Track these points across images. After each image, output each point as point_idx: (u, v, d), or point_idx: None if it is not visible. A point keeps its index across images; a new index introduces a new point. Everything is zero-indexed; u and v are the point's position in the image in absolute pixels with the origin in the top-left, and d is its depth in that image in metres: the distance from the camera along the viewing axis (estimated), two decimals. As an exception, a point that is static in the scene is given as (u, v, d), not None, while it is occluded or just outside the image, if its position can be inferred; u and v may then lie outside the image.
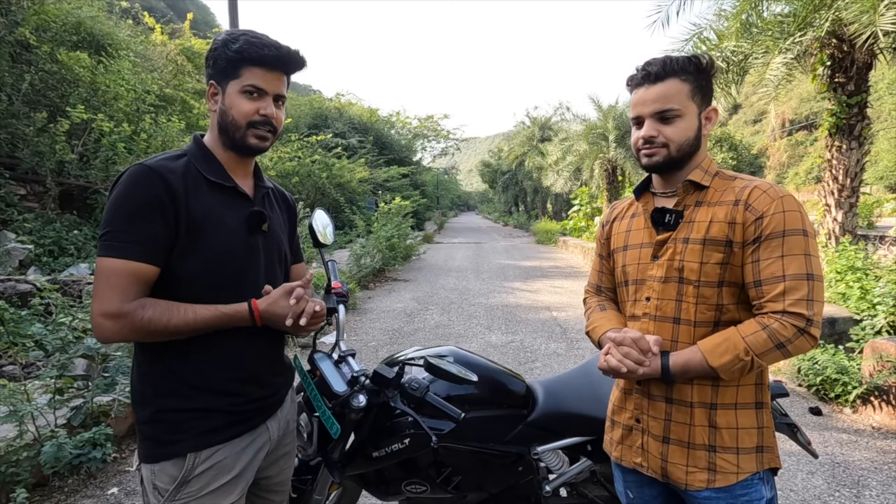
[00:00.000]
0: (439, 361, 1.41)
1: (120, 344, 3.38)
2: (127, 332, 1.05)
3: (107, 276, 1.04)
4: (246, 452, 1.20)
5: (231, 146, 1.19)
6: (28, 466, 2.53)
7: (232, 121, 1.15)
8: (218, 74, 1.15)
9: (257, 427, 1.23)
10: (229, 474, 1.16)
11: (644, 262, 1.24)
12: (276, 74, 1.16)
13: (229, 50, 1.13)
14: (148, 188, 1.06)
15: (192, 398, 1.13)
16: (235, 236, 1.16)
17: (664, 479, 1.21)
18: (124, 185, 1.06)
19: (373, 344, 5.47)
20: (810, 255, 1.07)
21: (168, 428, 1.12)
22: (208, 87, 1.17)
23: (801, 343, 1.04)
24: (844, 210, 6.24)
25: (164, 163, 1.11)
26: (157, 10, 19.57)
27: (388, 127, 26.30)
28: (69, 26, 8.74)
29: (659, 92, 1.15)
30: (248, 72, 1.13)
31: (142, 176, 1.07)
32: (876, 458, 3.03)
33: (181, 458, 1.11)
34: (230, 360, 1.17)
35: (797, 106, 40.30)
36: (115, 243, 1.04)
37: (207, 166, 1.17)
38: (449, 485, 1.65)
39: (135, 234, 1.04)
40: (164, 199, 1.06)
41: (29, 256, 6.15)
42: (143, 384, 1.14)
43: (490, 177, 44.96)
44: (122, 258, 1.04)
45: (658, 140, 1.16)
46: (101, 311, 1.03)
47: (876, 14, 4.81)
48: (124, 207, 1.05)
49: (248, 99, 1.14)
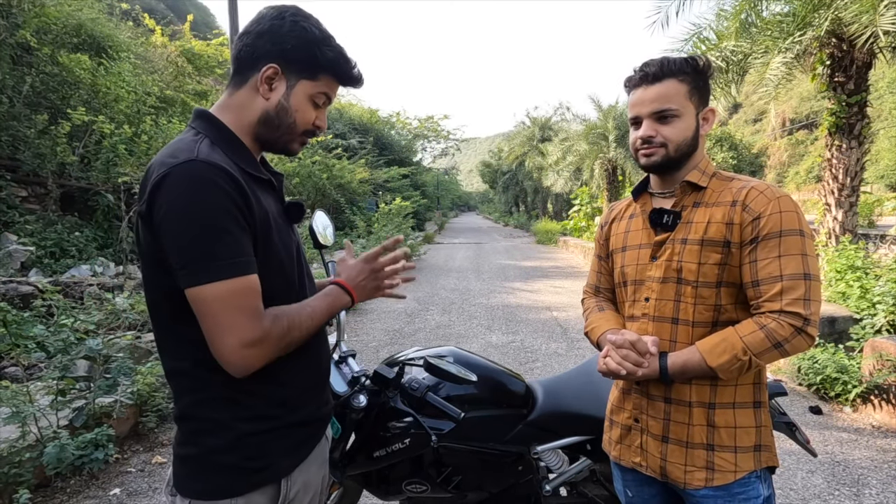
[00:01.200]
0: (439, 361, 1.42)
1: (121, 345, 3.39)
2: (272, 353, 0.93)
3: (227, 300, 0.87)
4: (321, 466, 1.14)
5: (267, 142, 1.05)
6: (30, 467, 2.54)
7: (292, 123, 1.03)
8: (288, 63, 1.00)
9: (322, 438, 1.16)
10: (311, 491, 1.09)
11: (643, 262, 1.25)
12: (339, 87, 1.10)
13: (321, 53, 1.01)
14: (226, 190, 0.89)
15: (277, 416, 1.01)
16: (284, 233, 1.05)
17: (663, 478, 1.21)
18: (190, 191, 0.87)
19: (373, 344, 5.47)
20: (807, 255, 1.08)
21: (254, 453, 0.98)
22: (265, 69, 0.98)
23: (798, 342, 1.05)
24: (845, 209, 6.24)
25: (210, 154, 0.91)
26: (157, 11, 19.58)
27: (389, 127, 26.30)
28: (70, 28, 8.76)
29: (657, 92, 1.16)
30: (326, 80, 1.04)
31: (211, 175, 0.88)
32: (876, 457, 3.03)
33: (273, 485, 1.00)
34: (308, 368, 1.09)
35: (797, 105, 40.28)
36: (220, 262, 0.86)
37: (240, 156, 0.99)
38: (449, 484, 1.66)
39: (233, 246, 0.88)
40: (239, 198, 0.90)
41: (30, 258, 6.17)
42: (212, 411, 0.96)
43: (490, 177, 44.96)
44: (239, 275, 0.88)
45: (656, 140, 1.17)
46: (242, 342, 0.88)
47: (876, 14, 4.81)
48: (212, 218, 0.86)
49: (314, 107, 1.05)
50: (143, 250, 0.94)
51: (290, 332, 0.95)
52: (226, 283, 0.87)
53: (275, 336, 0.92)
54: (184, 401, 0.99)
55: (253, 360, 0.91)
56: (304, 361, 1.06)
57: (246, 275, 0.89)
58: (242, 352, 0.89)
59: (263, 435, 0.99)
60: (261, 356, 0.91)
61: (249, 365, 0.91)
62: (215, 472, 0.97)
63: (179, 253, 0.86)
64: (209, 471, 0.97)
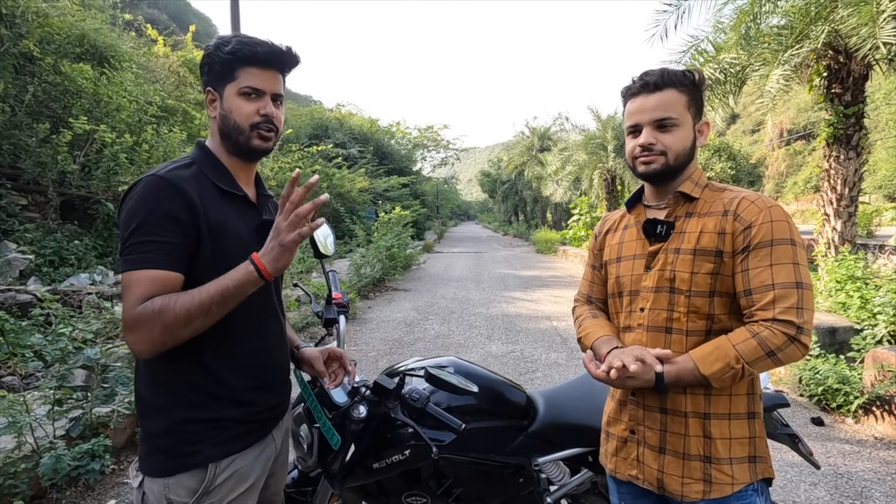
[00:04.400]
0: (440, 372, 1.41)
1: (120, 354, 3.37)
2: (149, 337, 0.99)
3: (129, 288, 1.01)
4: (259, 461, 1.20)
5: (235, 151, 1.17)
6: (26, 478, 2.51)
7: (234, 124, 1.13)
8: (214, 80, 1.14)
9: (266, 436, 1.23)
10: (246, 483, 1.16)
11: (637, 273, 1.25)
12: (271, 73, 1.15)
13: (222, 52, 1.12)
14: (164, 200, 1.03)
15: (209, 408, 1.11)
16: (247, 246, 1.13)
17: (660, 490, 1.21)
18: (140, 198, 1.03)
19: (373, 354, 5.45)
20: (799, 264, 1.08)
21: (185, 439, 1.09)
22: (206, 95, 1.16)
23: (791, 351, 1.05)
24: (843, 219, 6.25)
25: (177, 172, 1.08)
26: (159, 21, 19.77)
27: (389, 137, 26.46)
28: (73, 38, 8.84)
29: (658, 100, 1.17)
30: (243, 73, 1.12)
31: (157, 188, 1.04)
32: (879, 469, 3.01)
33: (202, 469, 1.09)
34: (246, 368, 1.17)
35: (795, 116, 40.55)
36: (136, 255, 1.01)
37: (217, 174, 1.15)
38: (450, 496, 1.64)
39: (155, 245, 1.02)
40: (181, 211, 1.04)
41: (29, 266, 6.16)
42: (155, 395, 1.11)
43: (490, 186, 45.12)
44: (145, 268, 1.01)
45: (656, 148, 1.18)
46: (126, 324, 1.00)
47: (876, 26, 4.85)
48: (142, 221, 1.02)
49: (247, 100, 1.12)
50: None
51: (161, 315, 0.98)
52: (134, 273, 1.01)
53: (144, 320, 0.99)
54: (139, 382, 1.14)
55: (133, 344, 1.01)
56: (243, 362, 1.16)
57: (153, 268, 1.01)
58: (127, 336, 1.01)
59: (196, 424, 1.10)
60: (137, 339, 1.00)
61: (136, 347, 1.01)
62: (155, 452, 1.10)
63: (119, 244, 1.04)
64: (153, 451, 1.10)
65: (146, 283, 1.01)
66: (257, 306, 1.19)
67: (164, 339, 1.00)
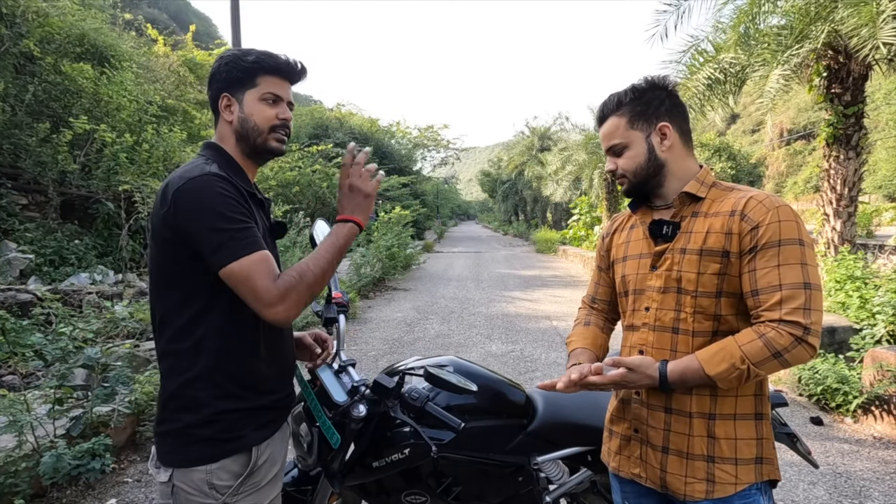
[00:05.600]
0: (439, 371, 1.42)
1: (120, 354, 3.38)
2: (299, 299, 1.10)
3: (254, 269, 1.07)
4: (283, 444, 1.31)
5: (251, 152, 1.25)
6: (27, 477, 2.52)
7: (254, 126, 1.22)
8: (232, 86, 1.22)
9: (284, 422, 1.33)
10: (277, 465, 1.26)
11: (643, 272, 1.25)
12: (286, 83, 1.26)
13: (245, 62, 1.21)
14: (231, 192, 1.11)
15: (245, 398, 1.19)
16: (269, 247, 1.21)
17: (663, 489, 1.21)
18: (209, 192, 1.09)
19: (372, 353, 5.46)
20: (807, 265, 1.07)
21: (227, 427, 1.16)
22: (221, 100, 1.23)
23: (798, 352, 1.04)
24: (843, 219, 6.25)
25: (218, 170, 1.15)
26: (159, 21, 19.78)
27: (389, 137, 26.46)
28: (73, 38, 8.84)
29: (605, 130, 1.27)
30: (264, 80, 1.22)
31: (218, 182, 1.11)
32: (878, 469, 3.01)
33: (245, 454, 1.17)
34: (272, 357, 1.25)
35: (795, 116, 40.56)
36: (242, 242, 1.07)
37: (238, 175, 1.22)
38: (449, 495, 1.65)
39: (249, 229, 1.10)
40: (242, 201, 1.13)
41: (30, 266, 6.16)
42: (194, 390, 1.15)
43: (490, 186, 45.11)
44: (258, 250, 1.08)
45: (618, 172, 1.27)
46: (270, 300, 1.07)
47: (876, 27, 4.85)
48: (225, 210, 1.08)
49: (267, 105, 1.22)
50: (160, 247, 1.14)
51: (302, 279, 1.11)
52: (250, 257, 1.07)
53: (293, 288, 1.09)
54: (174, 381, 1.16)
55: (282, 313, 1.08)
56: (269, 352, 1.24)
57: (263, 249, 1.10)
58: (276, 308, 1.07)
59: (236, 413, 1.17)
60: (288, 307, 1.09)
61: (286, 315, 1.09)
62: (194, 443, 1.14)
63: (209, 240, 1.07)
64: (189, 443, 1.14)
65: (264, 261, 1.09)
66: None
67: (307, 300, 1.13)
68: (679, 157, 1.24)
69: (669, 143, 1.22)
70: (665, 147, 1.22)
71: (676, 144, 1.23)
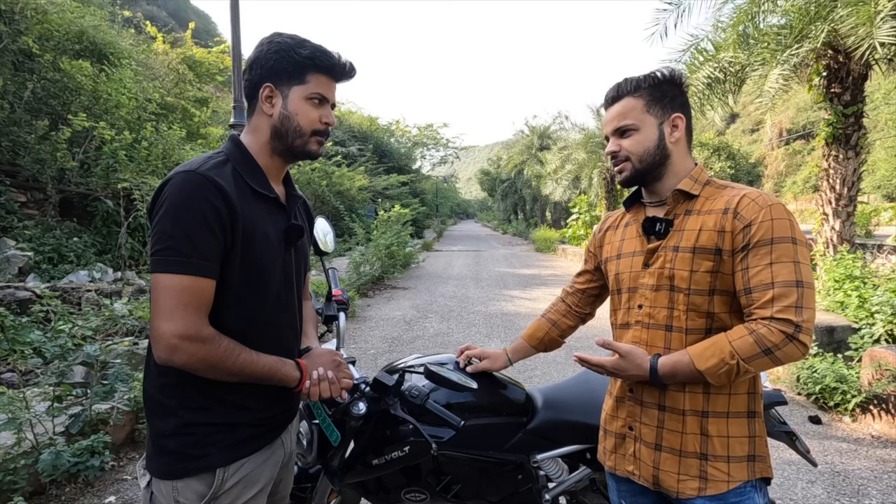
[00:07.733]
0: (439, 369, 1.42)
1: (119, 351, 3.37)
2: (201, 359, 1.00)
3: (178, 293, 0.97)
4: (267, 466, 1.19)
5: (285, 152, 1.16)
6: (26, 474, 2.52)
7: (297, 127, 1.13)
8: (278, 77, 1.11)
9: (275, 440, 1.22)
10: (255, 487, 1.14)
11: (636, 269, 1.26)
12: (334, 83, 1.17)
13: (298, 55, 1.10)
14: (205, 199, 1.00)
15: (219, 412, 1.09)
16: (275, 251, 1.13)
17: (656, 486, 1.21)
18: (179, 195, 0.99)
19: (372, 352, 5.46)
20: (799, 263, 1.07)
21: (193, 441, 1.07)
22: (263, 89, 1.12)
23: (790, 350, 1.04)
24: (842, 219, 6.26)
25: (214, 170, 1.05)
26: (158, 19, 19.74)
27: (388, 135, 26.44)
28: (72, 35, 8.81)
29: (616, 111, 1.23)
30: (314, 79, 1.12)
31: (197, 185, 1.00)
32: (876, 467, 3.02)
33: (209, 474, 1.07)
34: None
35: (794, 115, 40.60)
36: (182, 258, 0.97)
37: (251, 174, 1.12)
38: (449, 493, 1.65)
39: (199, 249, 0.99)
40: (223, 210, 1.01)
41: (28, 263, 6.15)
42: (164, 396, 1.08)
43: (489, 185, 45.11)
44: (194, 275, 0.98)
45: (620, 154, 1.23)
46: (180, 332, 0.97)
47: (873, 26, 4.86)
48: (183, 219, 0.98)
49: (313, 106, 1.13)
50: None
51: (226, 354, 1.02)
52: (181, 277, 0.98)
53: (213, 346, 1.00)
54: (149, 382, 1.11)
55: (183, 355, 0.98)
56: None
57: (202, 276, 0.99)
58: (174, 341, 0.97)
59: (204, 427, 1.08)
60: (193, 354, 0.99)
61: (178, 357, 0.98)
62: (163, 453, 1.08)
63: (153, 242, 1.00)
64: (160, 452, 1.08)
65: (199, 294, 0.99)
66: (277, 317, 1.18)
67: (198, 368, 1.02)
68: (682, 153, 1.24)
69: (679, 135, 1.22)
70: (674, 139, 1.22)
71: (682, 140, 1.24)
